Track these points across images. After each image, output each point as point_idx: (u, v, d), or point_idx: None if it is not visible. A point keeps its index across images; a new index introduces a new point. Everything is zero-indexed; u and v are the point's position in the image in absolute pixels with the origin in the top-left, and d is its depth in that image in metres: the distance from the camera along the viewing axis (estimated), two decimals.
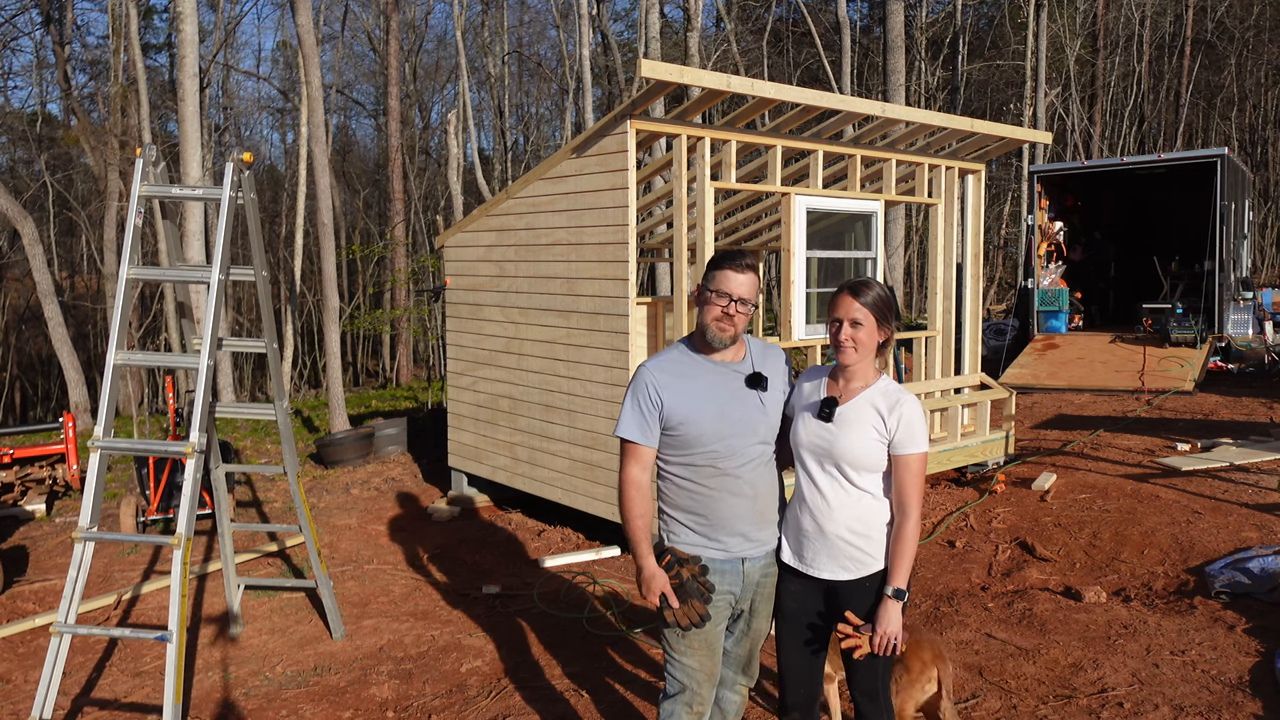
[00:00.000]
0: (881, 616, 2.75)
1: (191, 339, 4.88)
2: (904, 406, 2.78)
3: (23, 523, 7.68)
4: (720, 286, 2.82)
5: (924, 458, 2.78)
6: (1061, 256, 14.58)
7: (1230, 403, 10.11)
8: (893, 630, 2.74)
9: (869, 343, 2.80)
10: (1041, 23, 20.77)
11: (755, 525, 2.93)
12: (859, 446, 2.78)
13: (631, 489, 2.85)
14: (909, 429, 2.76)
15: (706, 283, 2.86)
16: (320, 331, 22.06)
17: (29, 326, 23.20)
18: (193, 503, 3.98)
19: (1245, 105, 29.47)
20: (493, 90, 28.20)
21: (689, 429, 2.84)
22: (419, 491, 8.42)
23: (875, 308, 2.78)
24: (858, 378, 2.85)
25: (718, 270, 2.85)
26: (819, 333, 7.12)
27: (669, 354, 2.95)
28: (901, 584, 2.76)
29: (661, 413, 2.84)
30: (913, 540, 2.76)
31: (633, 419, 2.87)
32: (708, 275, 2.87)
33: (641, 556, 2.82)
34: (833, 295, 2.85)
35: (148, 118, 16.09)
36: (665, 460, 2.92)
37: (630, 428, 2.87)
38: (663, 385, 2.85)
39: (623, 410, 2.91)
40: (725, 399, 2.88)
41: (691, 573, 2.83)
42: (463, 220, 7.93)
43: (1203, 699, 3.92)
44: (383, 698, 4.49)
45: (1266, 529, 5.84)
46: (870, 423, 2.79)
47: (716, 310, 2.82)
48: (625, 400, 2.91)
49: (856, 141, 7.47)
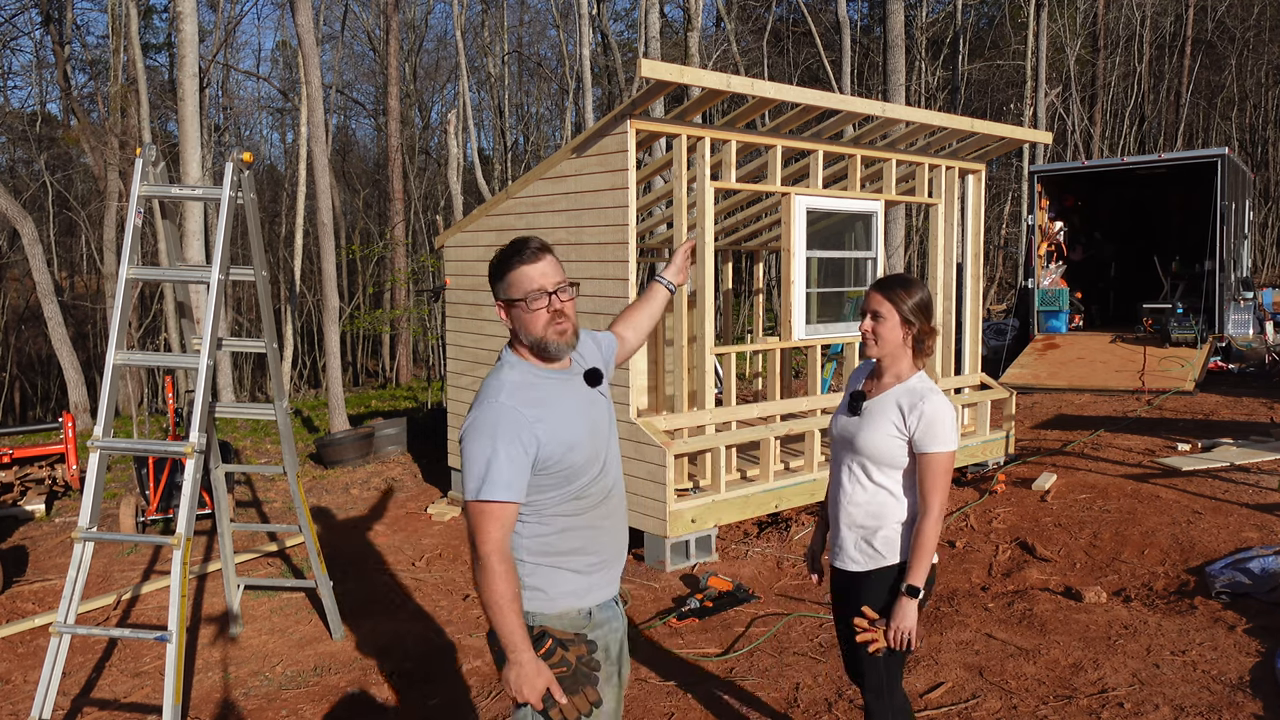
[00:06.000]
0: (896, 612, 2.76)
1: (191, 339, 4.87)
2: (925, 404, 2.75)
3: (22, 523, 7.68)
4: (529, 288, 2.34)
5: (948, 457, 2.75)
6: (1062, 256, 14.57)
7: (1231, 403, 10.11)
8: (906, 626, 2.74)
9: (891, 337, 2.79)
10: (1042, 23, 20.76)
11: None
12: (877, 441, 2.79)
13: (500, 563, 2.24)
14: (929, 427, 2.73)
15: (508, 293, 2.38)
16: (320, 331, 22.05)
17: (29, 326, 23.20)
18: (192, 503, 3.98)
19: (1246, 105, 29.47)
20: (493, 90, 28.21)
21: (573, 459, 2.35)
22: (419, 491, 8.42)
23: (900, 302, 2.77)
24: (890, 373, 2.86)
25: (511, 273, 2.36)
26: (819, 333, 7.12)
27: (513, 378, 2.37)
28: (918, 581, 2.75)
29: (538, 453, 2.29)
30: (931, 539, 2.75)
31: (505, 473, 2.24)
32: (502, 285, 2.39)
33: (520, 648, 2.25)
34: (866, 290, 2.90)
35: (147, 118, 16.09)
36: (541, 506, 2.36)
37: (501, 485, 2.23)
38: (535, 419, 2.29)
39: (483, 464, 2.24)
40: (586, 411, 2.45)
41: (578, 654, 2.37)
42: (462, 220, 7.93)
43: (1203, 699, 3.91)
44: (383, 698, 4.49)
45: (1267, 529, 5.84)
46: (891, 419, 2.79)
47: (543, 316, 2.35)
48: (482, 449, 2.25)
49: (856, 141, 7.46)
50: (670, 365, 7.73)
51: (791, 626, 5.02)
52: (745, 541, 6.57)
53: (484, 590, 2.25)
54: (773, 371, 8.54)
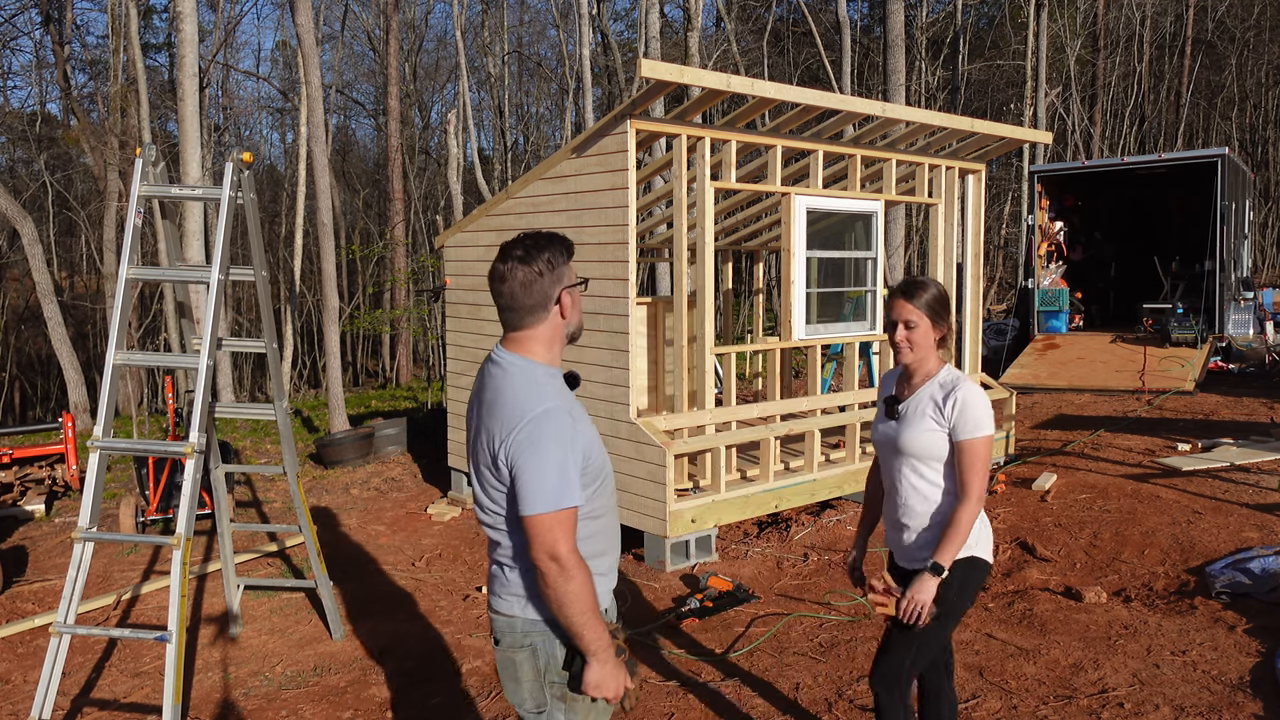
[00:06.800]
0: (915, 584, 2.80)
1: (191, 339, 4.87)
2: (959, 391, 2.84)
3: (22, 523, 7.68)
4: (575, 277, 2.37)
5: (986, 442, 2.81)
6: (1062, 256, 14.58)
7: (1231, 403, 10.11)
8: (921, 599, 2.78)
9: (924, 341, 2.89)
10: (1042, 23, 20.76)
11: None
12: (921, 439, 2.87)
13: (583, 568, 2.21)
14: (964, 414, 2.81)
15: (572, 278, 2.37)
16: (320, 331, 22.06)
17: (29, 326, 23.20)
18: (192, 503, 3.98)
19: (1246, 105, 29.47)
20: (493, 90, 28.21)
21: (601, 459, 2.37)
22: (419, 491, 8.42)
23: (928, 307, 2.87)
24: (920, 373, 2.95)
25: (570, 260, 2.38)
26: (819, 333, 7.12)
27: (550, 384, 2.32)
28: (944, 560, 2.79)
29: (583, 455, 2.28)
30: (967, 523, 2.80)
31: (574, 477, 2.21)
32: (568, 269, 2.37)
33: (608, 647, 2.24)
34: (886, 298, 2.95)
35: (147, 118, 16.08)
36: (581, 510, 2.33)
37: (575, 491, 2.20)
38: (576, 420, 2.29)
39: (555, 470, 2.19)
40: (585, 411, 2.44)
41: (617, 645, 2.36)
42: (462, 220, 7.93)
43: (1203, 699, 3.91)
44: (383, 698, 4.49)
45: (1267, 529, 5.84)
46: (929, 414, 2.87)
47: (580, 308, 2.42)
48: (554, 456, 2.19)
49: (857, 141, 7.46)
50: (670, 365, 7.73)
51: (791, 626, 5.02)
52: (745, 541, 6.57)
53: (575, 599, 2.19)
54: (773, 371, 8.54)
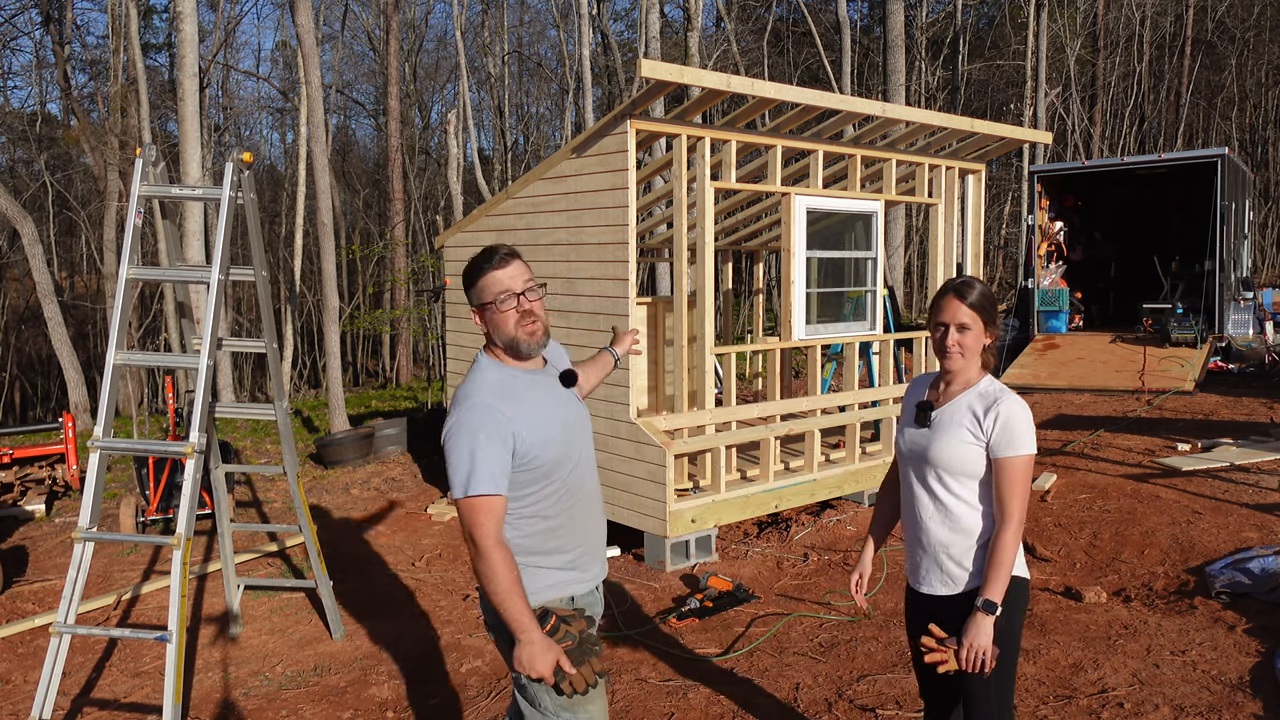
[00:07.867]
0: (969, 629, 2.56)
1: (191, 339, 4.87)
2: (1002, 405, 2.61)
3: (22, 523, 7.68)
4: (497, 291, 2.50)
5: (1028, 461, 2.59)
6: (1062, 256, 14.58)
7: (1231, 403, 10.11)
8: (981, 644, 2.55)
9: (975, 346, 2.66)
10: (1042, 23, 20.77)
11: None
12: (953, 451, 2.64)
13: (499, 551, 2.36)
14: (1006, 429, 2.59)
15: (480, 298, 2.54)
16: (320, 331, 22.06)
17: (29, 326, 23.20)
18: (192, 503, 3.98)
19: (1246, 105, 29.47)
20: (493, 90, 28.20)
21: (546, 455, 2.49)
22: (419, 491, 8.42)
23: (983, 309, 2.64)
24: (958, 380, 2.72)
25: (481, 279, 2.53)
26: (819, 333, 7.12)
27: (490, 378, 2.52)
28: (995, 596, 2.56)
29: (515, 448, 2.43)
30: (1011, 550, 2.57)
31: (488, 466, 2.37)
32: (475, 292, 2.55)
33: (529, 627, 2.36)
34: (935, 297, 2.71)
35: (147, 118, 16.08)
36: (520, 508, 2.50)
37: (487, 479, 2.36)
38: (512, 416, 2.43)
39: (466, 459, 2.37)
40: (559, 409, 2.60)
41: (580, 629, 2.48)
42: (462, 220, 7.93)
43: (1203, 699, 3.92)
44: (383, 698, 4.49)
45: (1267, 529, 5.84)
46: (965, 425, 2.64)
47: (513, 316, 2.51)
48: (466, 445, 2.38)
49: (856, 141, 7.46)
50: (670, 365, 7.73)
51: (791, 626, 5.02)
52: (745, 541, 6.57)
53: (488, 580, 2.37)
54: (773, 371, 8.54)
